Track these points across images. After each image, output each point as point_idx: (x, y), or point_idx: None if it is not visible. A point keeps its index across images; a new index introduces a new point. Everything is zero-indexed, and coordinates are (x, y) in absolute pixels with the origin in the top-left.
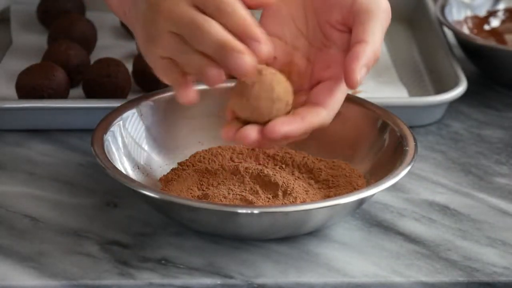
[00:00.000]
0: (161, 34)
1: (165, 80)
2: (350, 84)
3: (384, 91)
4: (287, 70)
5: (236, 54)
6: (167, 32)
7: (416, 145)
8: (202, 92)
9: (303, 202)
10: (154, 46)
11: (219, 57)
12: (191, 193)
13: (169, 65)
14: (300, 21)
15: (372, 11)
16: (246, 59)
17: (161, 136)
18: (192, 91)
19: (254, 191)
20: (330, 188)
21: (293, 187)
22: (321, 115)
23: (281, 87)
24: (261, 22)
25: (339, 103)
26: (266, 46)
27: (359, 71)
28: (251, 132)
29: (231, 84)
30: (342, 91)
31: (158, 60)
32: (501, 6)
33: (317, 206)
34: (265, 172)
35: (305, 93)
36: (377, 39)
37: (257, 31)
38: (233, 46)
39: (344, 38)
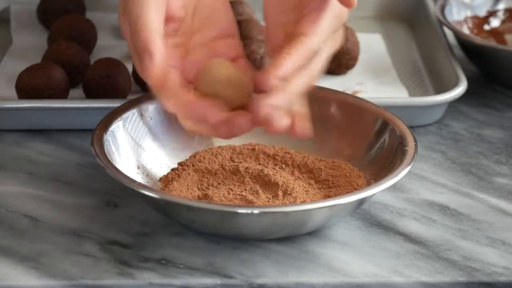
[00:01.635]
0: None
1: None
2: (348, 3)
3: (384, 91)
4: None
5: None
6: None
7: (416, 145)
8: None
9: (303, 202)
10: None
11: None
12: (191, 193)
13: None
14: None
15: None
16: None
17: (161, 136)
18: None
19: (254, 191)
20: (330, 188)
21: (293, 187)
22: (306, 43)
23: (234, 76)
24: (265, 11)
25: (322, 28)
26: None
27: None
28: (242, 120)
29: None
30: (323, 16)
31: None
32: (501, 6)
33: (317, 206)
34: (265, 172)
35: (292, 25)
36: None
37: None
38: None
39: None
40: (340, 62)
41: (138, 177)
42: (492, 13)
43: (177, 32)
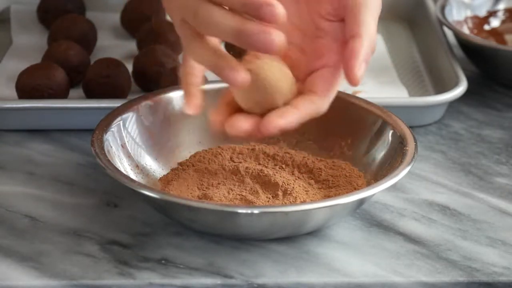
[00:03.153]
0: (175, 21)
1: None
2: (353, 82)
3: (384, 91)
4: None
5: (259, 35)
6: (180, 20)
7: (416, 145)
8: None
9: (303, 202)
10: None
11: (242, 42)
12: (191, 193)
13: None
14: (293, 15)
15: (361, 2)
16: (272, 38)
17: (161, 136)
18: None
19: (254, 191)
20: (330, 188)
21: (293, 187)
22: (316, 103)
23: (285, 78)
24: None
25: (334, 90)
26: (279, 8)
27: (359, 68)
28: (243, 123)
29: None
30: (336, 79)
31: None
32: (501, 6)
33: (317, 206)
34: (265, 172)
35: (300, 84)
36: (371, 30)
37: None
38: (250, 30)
39: (336, 28)
40: None
41: (138, 177)
42: (492, 13)
43: None
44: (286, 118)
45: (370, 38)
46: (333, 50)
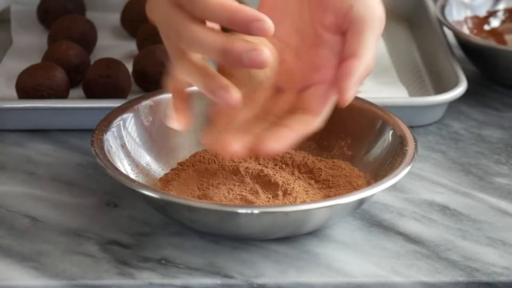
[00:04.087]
0: (161, 34)
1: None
2: (342, 102)
3: (384, 91)
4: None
5: (246, 54)
6: (165, 35)
7: (416, 145)
8: (201, 92)
9: (303, 202)
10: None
11: (229, 61)
12: (191, 193)
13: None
14: (295, 17)
15: (366, 21)
16: (259, 53)
17: (161, 136)
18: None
19: (254, 191)
20: (330, 188)
21: (293, 187)
22: (311, 124)
23: (274, 57)
24: None
25: (328, 108)
26: (269, 22)
27: (351, 89)
28: (235, 145)
29: None
30: (330, 97)
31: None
32: (501, 6)
33: (317, 206)
34: (265, 172)
35: (295, 93)
36: (369, 52)
37: (250, 12)
38: (237, 49)
39: (336, 41)
40: None
41: (138, 177)
42: (492, 13)
43: None
44: (281, 142)
45: (367, 60)
46: (330, 64)
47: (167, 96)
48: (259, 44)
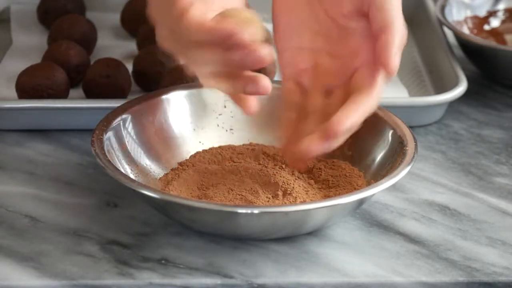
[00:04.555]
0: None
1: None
2: (389, 72)
3: (384, 91)
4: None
5: (248, 58)
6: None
7: (416, 145)
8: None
9: (303, 202)
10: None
11: (233, 67)
12: (191, 193)
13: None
14: (311, 22)
15: None
16: (260, 54)
17: (161, 136)
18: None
19: (254, 191)
20: (330, 188)
21: (293, 187)
22: (368, 101)
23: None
24: (276, 38)
25: (379, 85)
26: (263, 50)
27: (394, 59)
28: (313, 144)
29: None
30: (378, 74)
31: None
32: (501, 6)
33: (317, 206)
34: (265, 172)
35: (343, 88)
36: (398, 19)
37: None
38: (238, 55)
39: (362, 24)
40: None
41: (138, 177)
42: (492, 13)
43: None
44: (351, 118)
45: (400, 27)
46: (365, 46)
47: (167, 96)
48: (256, 45)
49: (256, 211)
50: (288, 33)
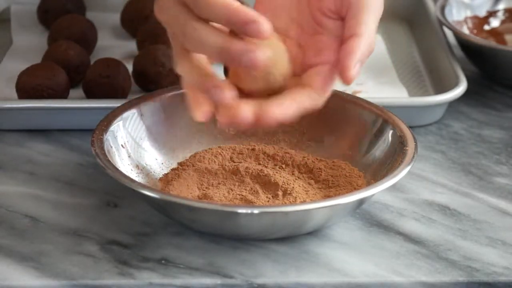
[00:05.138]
0: (168, 32)
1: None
2: (345, 80)
3: (384, 91)
4: None
5: (243, 55)
6: (172, 33)
7: (416, 145)
8: None
9: (303, 202)
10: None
11: (226, 61)
12: (191, 193)
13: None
14: (293, 9)
15: (364, 2)
16: (256, 56)
17: (161, 136)
18: (208, 110)
19: (254, 191)
20: (330, 188)
21: (293, 187)
22: (313, 97)
23: (281, 54)
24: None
25: (330, 87)
26: (265, 24)
27: (354, 67)
28: (244, 109)
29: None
30: (333, 76)
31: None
32: (501, 6)
33: (317, 206)
34: (265, 172)
35: (296, 78)
36: (370, 31)
37: (248, 13)
38: (234, 50)
39: (337, 25)
40: None
41: (138, 177)
42: (492, 13)
43: None
44: (284, 109)
45: (369, 39)
46: (332, 47)
47: (167, 96)
48: (256, 46)
49: (256, 211)
50: (266, 11)
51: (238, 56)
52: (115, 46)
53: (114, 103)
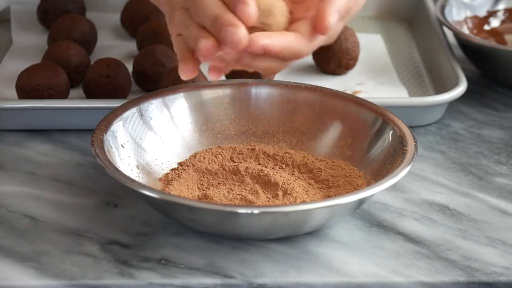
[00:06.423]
0: (175, 11)
1: (177, 55)
2: (321, 29)
3: (384, 91)
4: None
5: (228, 28)
6: (179, 9)
7: (416, 145)
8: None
9: (303, 202)
10: (171, 24)
11: (215, 30)
12: (191, 193)
13: (180, 41)
14: None
15: None
16: (239, 33)
17: (161, 136)
18: (193, 68)
19: (254, 191)
20: (330, 188)
21: (293, 187)
22: (301, 42)
23: (283, 9)
24: None
25: (317, 39)
26: (250, 7)
27: (330, 15)
28: (207, 43)
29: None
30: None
31: (174, 37)
32: (501, 6)
33: (317, 206)
34: (265, 172)
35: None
36: None
37: None
38: (226, 20)
39: None
40: (340, 62)
41: (138, 177)
42: (492, 13)
43: None
44: (272, 41)
45: None
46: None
47: (168, 96)
48: (241, 25)
49: (256, 211)
50: None
51: (225, 27)
52: (115, 46)
53: (114, 103)
